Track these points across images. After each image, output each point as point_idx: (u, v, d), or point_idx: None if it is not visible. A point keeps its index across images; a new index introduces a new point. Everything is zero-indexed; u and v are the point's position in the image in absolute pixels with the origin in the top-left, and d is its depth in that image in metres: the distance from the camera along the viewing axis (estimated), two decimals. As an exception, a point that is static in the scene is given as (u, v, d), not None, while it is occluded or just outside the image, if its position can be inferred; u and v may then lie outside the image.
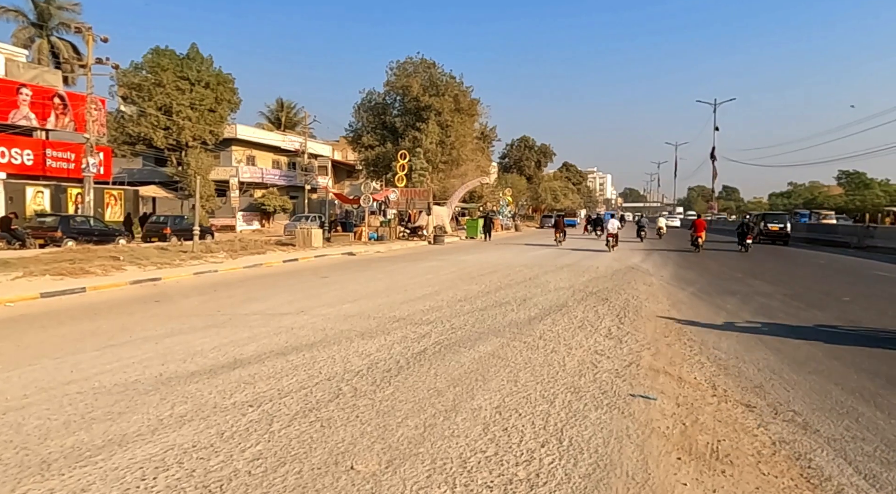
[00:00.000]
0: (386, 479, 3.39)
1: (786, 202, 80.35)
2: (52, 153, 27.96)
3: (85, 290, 11.11)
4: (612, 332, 7.62)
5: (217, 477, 3.40)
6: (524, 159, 79.47)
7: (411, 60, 41.42)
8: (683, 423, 4.37)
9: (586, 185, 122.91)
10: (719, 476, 3.49)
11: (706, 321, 8.47)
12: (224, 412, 4.52)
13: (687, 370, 5.83)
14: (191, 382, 5.31)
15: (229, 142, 43.51)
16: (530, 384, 5.30)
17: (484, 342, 6.98)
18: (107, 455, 3.70)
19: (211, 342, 6.93)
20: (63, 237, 20.61)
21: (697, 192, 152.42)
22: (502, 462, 3.64)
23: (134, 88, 35.18)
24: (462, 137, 41.94)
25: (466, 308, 9.33)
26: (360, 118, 42.82)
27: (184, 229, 25.64)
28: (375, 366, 5.88)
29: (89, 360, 6.08)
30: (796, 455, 3.82)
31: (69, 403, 4.71)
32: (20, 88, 26.82)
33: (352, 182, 56.43)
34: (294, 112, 61.95)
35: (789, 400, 4.93)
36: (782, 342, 7.20)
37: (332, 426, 4.23)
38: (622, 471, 3.53)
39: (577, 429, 4.19)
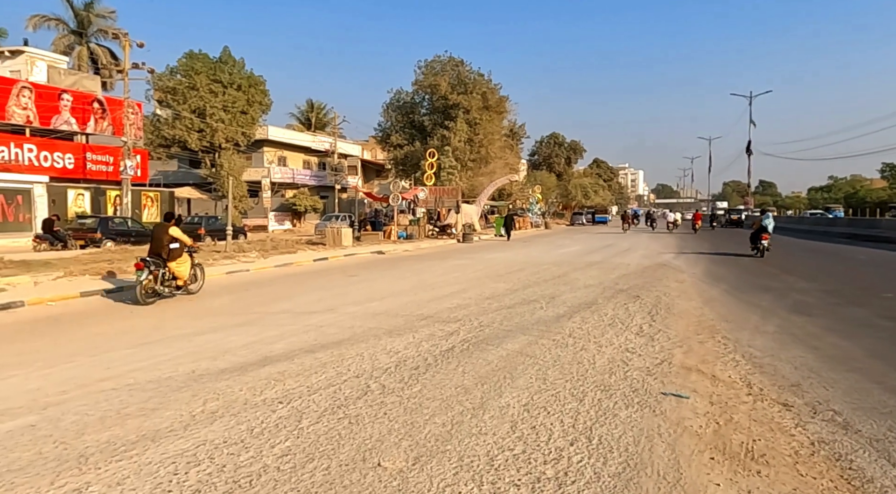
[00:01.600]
0: (413, 476, 3.39)
1: (826, 196, 77.99)
2: (92, 157, 28.83)
3: (122, 289, 11.39)
4: (644, 329, 7.49)
5: (247, 473, 3.44)
6: (554, 156, 78.88)
7: (439, 59, 41.48)
8: (717, 422, 4.26)
9: (617, 181, 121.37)
10: (754, 477, 3.39)
11: (740, 319, 8.26)
12: (254, 408, 4.58)
13: (720, 369, 5.69)
14: (221, 379, 5.40)
15: (261, 143, 44.18)
16: (559, 381, 5.24)
17: (512, 339, 6.93)
18: (140, 450, 3.78)
19: (241, 339, 7.04)
20: (102, 238, 21.23)
21: (732, 187, 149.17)
22: (530, 460, 3.60)
23: (169, 91, 35.98)
24: (490, 134, 41.84)
25: (494, 306, 9.29)
26: (389, 118, 43.06)
27: (217, 230, 26.16)
28: (403, 364, 5.88)
29: (123, 357, 6.23)
30: (836, 456, 3.69)
31: (104, 399, 4.83)
32: (61, 94, 27.71)
33: (381, 181, 56.78)
34: (324, 113, 62.58)
35: (828, 399, 4.76)
36: (820, 339, 6.97)
37: (360, 422, 4.24)
38: (653, 470, 3.46)
39: (607, 428, 4.12)
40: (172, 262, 10.34)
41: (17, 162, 25.18)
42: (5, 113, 25.29)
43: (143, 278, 9.82)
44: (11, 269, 12.45)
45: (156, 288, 10.14)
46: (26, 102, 26.07)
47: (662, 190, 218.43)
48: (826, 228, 35.31)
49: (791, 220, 50.11)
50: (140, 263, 9.91)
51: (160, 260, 10.24)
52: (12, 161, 25.01)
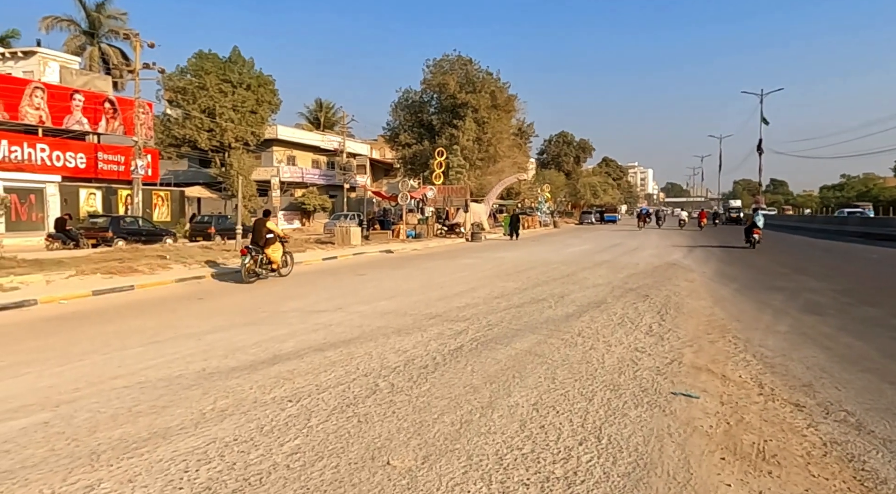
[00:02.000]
0: (422, 475, 3.39)
1: (838, 195, 77.18)
2: (104, 156, 29.07)
3: (133, 288, 11.49)
4: (653, 329, 7.46)
5: (257, 470, 3.46)
6: (562, 155, 78.61)
7: (448, 58, 41.46)
8: (727, 422, 4.23)
9: (626, 180, 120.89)
10: (765, 477, 3.37)
11: (751, 318, 8.21)
12: (264, 406, 4.60)
13: (731, 368, 5.65)
14: (232, 377, 5.42)
15: (270, 142, 44.35)
16: (568, 381, 5.23)
17: (521, 338, 6.92)
18: (152, 448, 3.81)
19: (251, 338, 7.08)
20: (113, 237, 21.41)
21: (743, 185, 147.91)
22: (539, 459, 3.60)
23: (179, 91, 36.18)
24: (499, 133, 41.77)
25: (503, 305, 9.28)
26: (398, 117, 43.10)
27: (227, 229, 26.29)
28: (412, 362, 5.89)
29: (135, 355, 6.28)
30: (849, 457, 3.65)
31: (116, 397, 4.87)
32: (73, 94, 27.96)
33: (389, 181, 56.83)
34: (332, 112, 62.71)
35: (841, 400, 4.72)
36: (832, 339, 6.91)
37: (369, 421, 4.25)
38: (663, 470, 3.44)
39: (617, 427, 4.11)
40: (268, 249, 12.70)
41: (30, 162, 25.43)
42: (18, 113, 25.55)
43: (246, 262, 12.29)
44: (24, 267, 12.58)
45: (255, 270, 12.49)
46: (39, 103, 26.33)
47: (672, 189, 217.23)
48: (838, 226, 34.97)
49: (804, 219, 49.71)
50: (244, 249, 12.46)
51: (259, 248, 12.58)
52: (25, 161, 25.27)
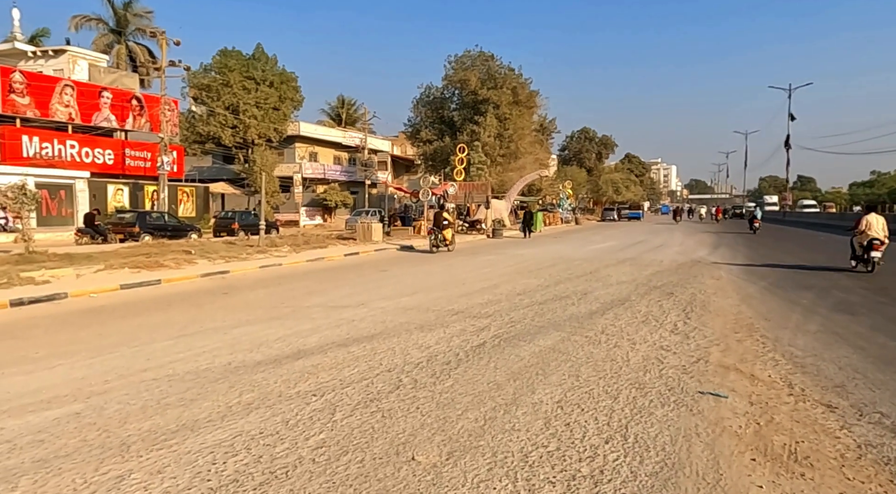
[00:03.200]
0: (447, 471, 3.39)
1: (868, 192, 75.37)
2: (131, 153, 29.60)
3: (160, 282, 11.67)
4: (679, 327, 7.35)
5: (283, 464, 3.48)
6: (584, 151, 77.95)
7: (469, 54, 41.32)
8: (757, 423, 4.16)
9: (649, 176, 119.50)
10: (798, 480, 3.29)
11: (780, 317, 8.05)
12: (288, 400, 4.64)
13: (760, 368, 5.55)
14: (257, 371, 5.48)
15: (292, 139, 44.75)
16: (592, 379, 5.18)
17: (544, 335, 6.88)
18: (180, 439, 3.86)
19: (275, 332, 7.14)
20: (140, 233, 21.76)
21: (769, 182, 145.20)
22: (565, 457, 3.57)
23: (203, 88, 36.68)
24: (520, 129, 41.55)
25: (525, 302, 9.23)
26: (419, 113, 43.09)
27: (250, 224, 26.58)
28: (434, 358, 5.89)
29: (163, 349, 6.38)
30: (885, 460, 3.56)
31: (145, 389, 4.95)
32: (102, 92, 28.50)
33: (410, 177, 56.94)
34: (354, 109, 63.01)
35: (875, 401, 4.60)
36: (866, 339, 6.74)
37: (393, 416, 4.26)
38: (691, 470, 3.39)
39: (643, 426, 4.06)
40: (445, 231, 19.75)
41: (60, 158, 25.99)
42: (49, 110, 26.11)
43: (432, 239, 19.91)
44: (55, 262, 12.86)
45: (437, 244, 19.72)
46: (68, 100, 26.88)
47: (696, 185, 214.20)
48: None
49: (832, 216, 48.60)
50: (430, 230, 20.40)
51: (438, 230, 19.74)
52: (56, 157, 25.82)
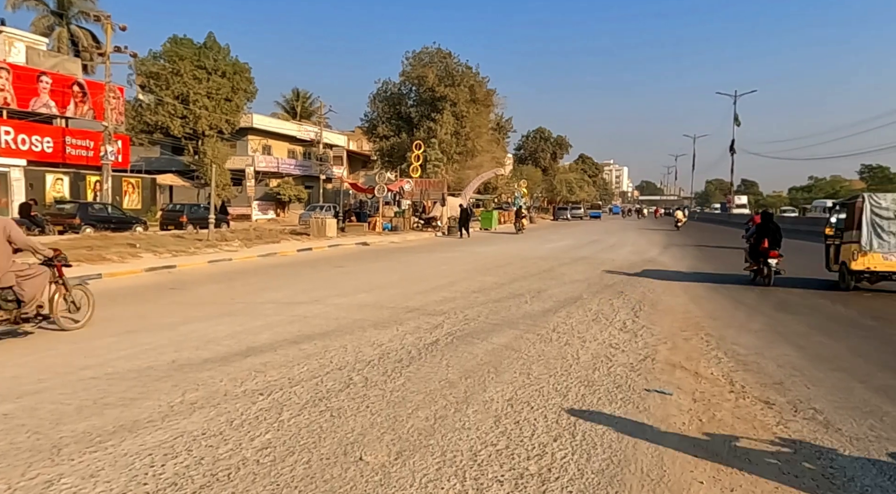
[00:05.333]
0: (395, 471, 3.35)
1: (806, 196, 78.94)
2: (72, 141, 28.31)
3: (101, 277, 11.20)
4: (628, 325, 7.51)
5: (225, 466, 3.37)
6: (540, 151, 78.89)
7: (427, 50, 41.22)
8: (700, 419, 4.27)
9: (602, 177, 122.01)
10: (737, 475, 3.39)
11: (726, 316, 8.32)
12: (235, 399, 4.51)
13: (704, 366, 5.72)
14: (203, 369, 5.31)
15: (245, 131, 43.67)
16: (543, 376, 5.23)
17: (498, 333, 6.91)
18: (117, 441, 3.69)
19: (225, 329, 6.95)
20: (81, 224, 20.87)
21: (715, 185, 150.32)
22: (513, 455, 3.58)
23: (152, 76, 35.40)
24: (477, 127, 41.74)
25: (481, 299, 9.27)
26: (376, 108, 42.76)
27: (200, 218, 25.79)
28: (387, 356, 5.84)
29: (105, 346, 6.11)
30: (817, 455, 3.71)
31: (83, 388, 4.72)
32: (40, 76, 27.12)
33: (367, 172, 56.45)
34: (309, 102, 61.96)
35: (810, 398, 4.80)
36: (805, 337, 7.04)
37: (342, 416, 4.19)
38: (637, 467, 3.45)
39: (591, 424, 4.11)
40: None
41: (-7, 145, 24.62)
42: (-18, 94, 24.70)
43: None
44: (-13, 254, 12.17)
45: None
46: (3, 83, 25.48)
47: (646, 187, 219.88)
48: (810, 227, 35.78)
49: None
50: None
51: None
52: (-11, 144, 24.45)
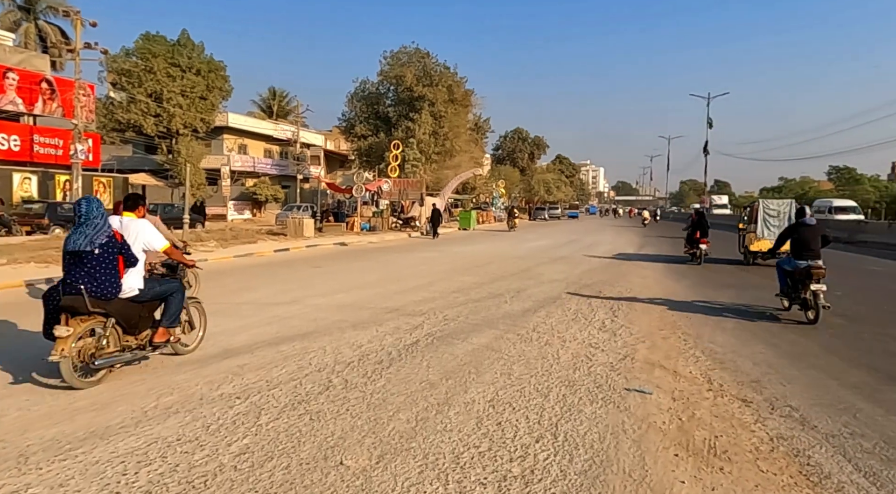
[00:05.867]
0: (376, 475, 3.30)
1: (777, 197, 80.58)
2: (40, 139, 27.57)
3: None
4: (606, 325, 7.55)
5: (201, 472, 3.29)
6: (517, 151, 79.16)
7: (405, 50, 41.06)
8: (680, 418, 4.29)
9: (579, 178, 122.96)
10: (718, 474, 3.41)
11: (701, 314, 8.41)
12: (211, 403, 4.41)
13: (682, 364, 5.76)
14: (179, 372, 5.19)
15: (220, 130, 43.03)
16: (524, 377, 5.22)
17: (478, 333, 6.88)
18: (88, 449, 3.58)
19: (199, 331, 6.79)
20: (50, 225, 20.35)
21: (689, 185, 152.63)
22: (496, 457, 3.55)
23: (124, 74, 34.66)
24: (456, 127, 41.70)
25: (460, 299, 9.24)
26: (354, 108, 42.46)
27: (174, 218, 25.32)
28: (367, 357, 5.77)
29: (73, 349, 5.93)
30: (795, 452, 3.75)
31: (51, 393, 4.58)
32: (7, 72, 26.36)
33: (344, 172, 56.09)
34: (286, 101, 61.29)
35: (786, 395, 4.86)
36: (779, 336, 7.14)
37: (322, 419, 4.12)
38: (619, 468, 3.45)
39: (573, 424, 4.10)
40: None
41: (-42, 142, 23.88)
42: (-54, 90, 23.94)
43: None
44: (-50, 255, 11.80)
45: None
46: (-31, 80, 24.73)
47: (622, 187, 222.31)
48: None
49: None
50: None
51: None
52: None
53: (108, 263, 4.73)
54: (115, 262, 4.80)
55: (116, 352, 4.91)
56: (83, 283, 4.63)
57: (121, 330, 4.96)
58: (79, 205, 4.81)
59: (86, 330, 4.68)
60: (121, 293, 4.86)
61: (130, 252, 4.93)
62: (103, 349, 4.78)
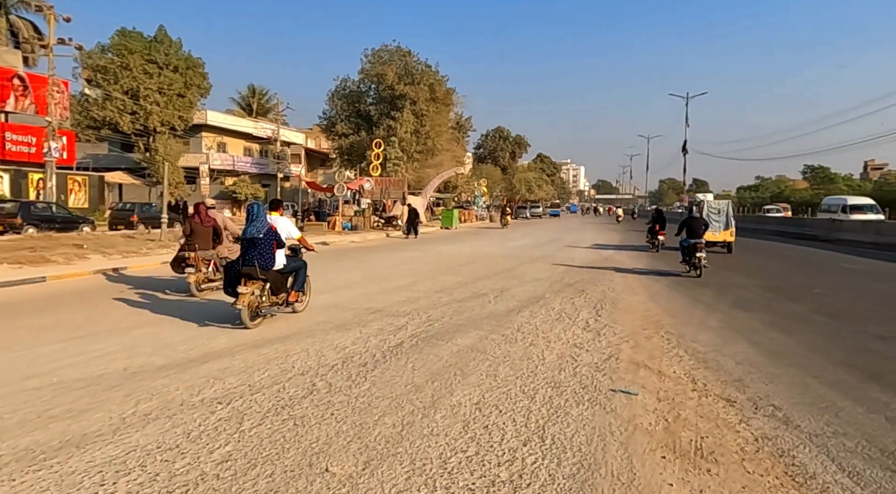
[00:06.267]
0: (363, 482, 3.24)
1: (753, 195, 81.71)
2: (12, 136, 26.98)
3: (45, 279, 10.67)
4: (590, 324, 7.56)
5: (182, 481, 3.20)
6: (499, 150, 79.40)
7: (386, 48, 40.90)
8: (666, 419, 4.30)
9: (560, 176, 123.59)
10: (705, 475, 3.42)
11: (684, 313, 8.48)
12: (192, 409, 4.31)
13: (667, 364, 5.78)
14: (158, 377, 5.08)
15: (199, 128, 42.46)
16: (510, 378, 5.19)
17: (462, 334, 6.85)
18: (63, 458, 3.47)
19: (181, 334, 6.69)
20: (23, 224, 19.85)
21: (668, 184, 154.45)
22: (484, 462, 3.51)
23: (99, 70, 34.00)
24: (437, 126, 41.66)
25: (444, 300, 9.20)
26: (334, 106, 42.18)
27: (151, 217, 24.90)
28: (351, 360, 5.70)
29: (50, 354, 5.79)
30: (780, 452, 3.77)
31: (25, 401, 4.45)
32: (-23, 68, 25.70)
33: (325, 171, 55.73)
34: (266, 99, 60.69)
35: (769, 394, 4.90)
36: (760, 334, 7.22)
37: (306, 424, 4.05)
38: (607, 471, 3.43)
39: (560, 426, 4.09)
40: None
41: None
42: (-87, 86, 23.25)
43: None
44: (-82, 256, 11.45)
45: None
46: (-63, 76, 24.05)
47: (602, 186, 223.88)
48: (758, 225, 37.09)
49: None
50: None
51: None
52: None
53: (268, 245, 7.03)
54: (272, 245, 7.08)
55: (268, 306, 7.13)
56: (255, 259, 6.93)
57: (270, 292, 7.13)
58: (251, 207, 7.20)
59: (254, 290, 6.87)
60: (274, 266, 7.12)
61: (280, 238, 7.22)
62: (262, 304, 7.05)
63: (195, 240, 9.37)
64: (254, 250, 6.93)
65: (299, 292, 7.78)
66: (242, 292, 6.73)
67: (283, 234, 7.38)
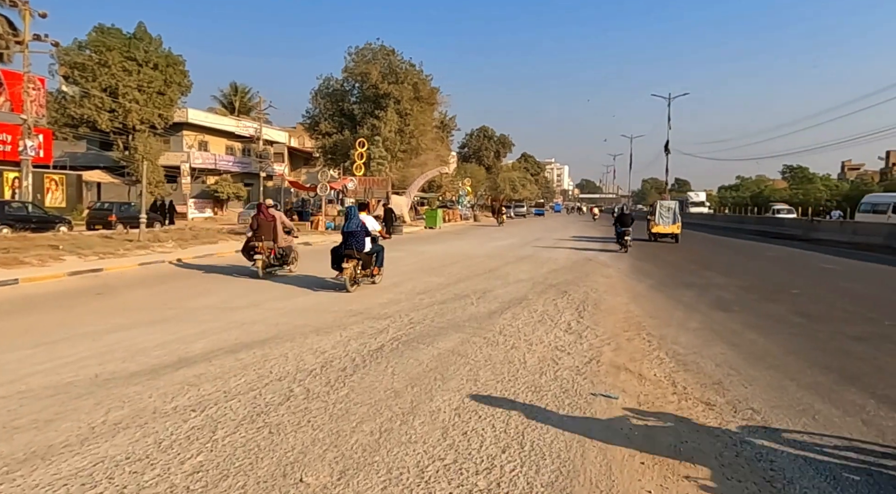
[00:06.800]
0: (338, 492, 3.17)
1: (734, 195, 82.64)
2: (-14, 135, 26.37)
3: (18, 282, 10.43)
4: (572, 326, 7.55)
5: (151, 495, 3.11)
6: (483, 149, 79.45)
7: (370, 47, 40.74)
8: (646, 424, 4.28)
9: (544, 176, 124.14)
10: (683, 482, 3.40)
11: (665, 315, 8.51)
12: (164, 417, 4.21)
13: (647, 367, 5.78)
14: (130, 384, 4.96)
15: (180, 126, 41.90)
16: (490, 382, 5.15)
17: (444, 337, 6.80)
18: (27, 471, 3.36)
19: (156, 338, 6.55)
20: (-2, 224, 19.41)
21: (651, 184, 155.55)
22: (462, 470, 3.46)
23: (77, 67, 33.37)
24: (421, 125, 41.58)
25: (426, 301, 9.14)
26: (318, 105, 41.92)
27: (130, 217, 24.51)
28: (330, 364, 5.63)
29: (18, 360, 5.64)
30: (758, 456, 3.77)
31: (-12, 410, 4.31)
32: (-51, 65, 25.11)
33: (309, 170, 55.35)
34: (248, 97, 60.08)
35: (748, 397, 4.91)
36: (740, 336, 7.25)
37: (282, 432, 3.97)
38: (585, 478, 3.40)
39: (539, 432, 4.05)
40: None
41: None
42: None
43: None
44: None
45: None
46: None
47: (586, 185, 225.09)
48: (738, 225, 37.50)
49: (705, 217, 52.84)
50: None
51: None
52: None
53: (361, 235, 9.92)
54: (363, 235, 9.97)
55: (360, 277, 10.18)
56: (353, 244, 9.87)
57: (360, 267, 10.05)
58: (349, 209, 10.42)
59: (352, 266, 9.83)
60: (364, 249, 10.02)
61: (368, 231, 10.09)
62: (357, 275, 10.02)
63: (261, 232, 11.61)
64: (352, 239, 9.83)
65: (379, 269, 10.72)
66: (346, 267, 9.74)
67: (369, 227, 10.17)
